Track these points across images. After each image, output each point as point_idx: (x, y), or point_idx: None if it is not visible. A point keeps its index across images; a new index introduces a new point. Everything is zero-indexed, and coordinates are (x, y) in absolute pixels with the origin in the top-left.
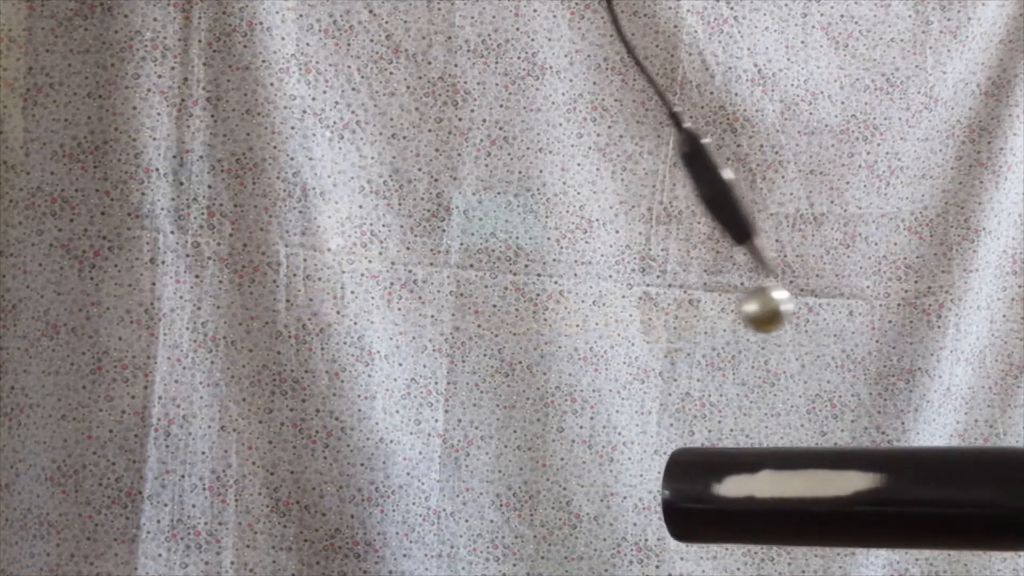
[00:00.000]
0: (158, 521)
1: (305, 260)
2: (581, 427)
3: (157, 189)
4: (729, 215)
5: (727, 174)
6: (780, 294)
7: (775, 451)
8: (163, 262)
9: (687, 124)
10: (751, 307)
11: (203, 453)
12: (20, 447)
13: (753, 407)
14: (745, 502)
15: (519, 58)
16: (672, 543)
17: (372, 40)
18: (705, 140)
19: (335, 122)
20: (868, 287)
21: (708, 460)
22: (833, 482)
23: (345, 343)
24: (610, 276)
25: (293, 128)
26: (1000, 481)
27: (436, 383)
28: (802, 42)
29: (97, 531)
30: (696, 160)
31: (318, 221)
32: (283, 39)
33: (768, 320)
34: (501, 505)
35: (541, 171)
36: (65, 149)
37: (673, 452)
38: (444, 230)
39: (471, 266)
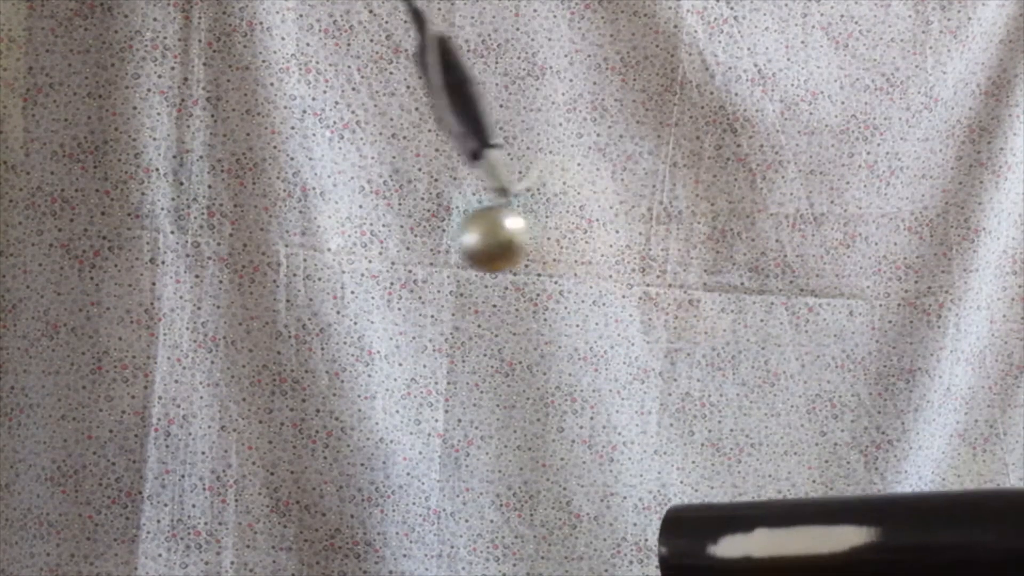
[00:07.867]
0: (158, 521)
1: (305, 260)
2: (581, 427)
3: (157, 189)
4: (468, 122)
5: (472, 77)
6: (513, 221)
7: (769, 506)
8: (163, 262)
9: (433, 26)
10: (474, 237)
11: (203, 453)
12: (20, 447)
13: (753, 407)
14: (742, 563)
15: (519, 58)
16: None
17: (372, 40)
18: (451, 40)
19: (335, 122)
20: (868, 287)
21: (704, 518)
22: (829, 538)
23: (345, 343)
24: (610, 276)
25: (293, 128)
26: (1002, 523)
27: (436, 383)
28: (802, 42)
29: (97, 531)
30: (439, 63)
31: (318, 221)
32: (283, 39)
33: (496, 255)
34: (501, 505)
35: (541, 171)
36: (65, 149)
37: (669, 509)
38: (444, 230)
39: None
